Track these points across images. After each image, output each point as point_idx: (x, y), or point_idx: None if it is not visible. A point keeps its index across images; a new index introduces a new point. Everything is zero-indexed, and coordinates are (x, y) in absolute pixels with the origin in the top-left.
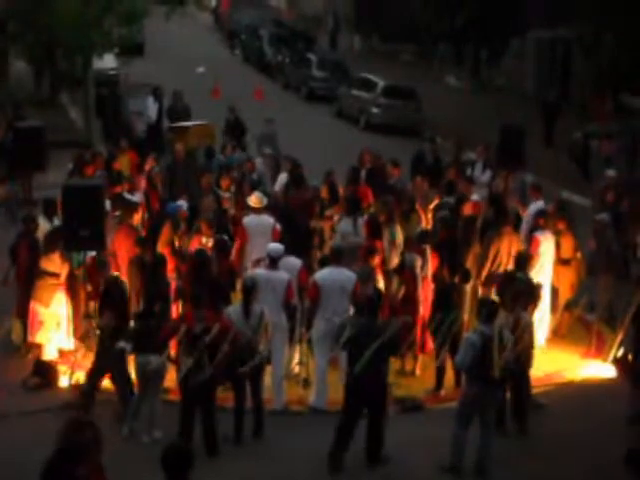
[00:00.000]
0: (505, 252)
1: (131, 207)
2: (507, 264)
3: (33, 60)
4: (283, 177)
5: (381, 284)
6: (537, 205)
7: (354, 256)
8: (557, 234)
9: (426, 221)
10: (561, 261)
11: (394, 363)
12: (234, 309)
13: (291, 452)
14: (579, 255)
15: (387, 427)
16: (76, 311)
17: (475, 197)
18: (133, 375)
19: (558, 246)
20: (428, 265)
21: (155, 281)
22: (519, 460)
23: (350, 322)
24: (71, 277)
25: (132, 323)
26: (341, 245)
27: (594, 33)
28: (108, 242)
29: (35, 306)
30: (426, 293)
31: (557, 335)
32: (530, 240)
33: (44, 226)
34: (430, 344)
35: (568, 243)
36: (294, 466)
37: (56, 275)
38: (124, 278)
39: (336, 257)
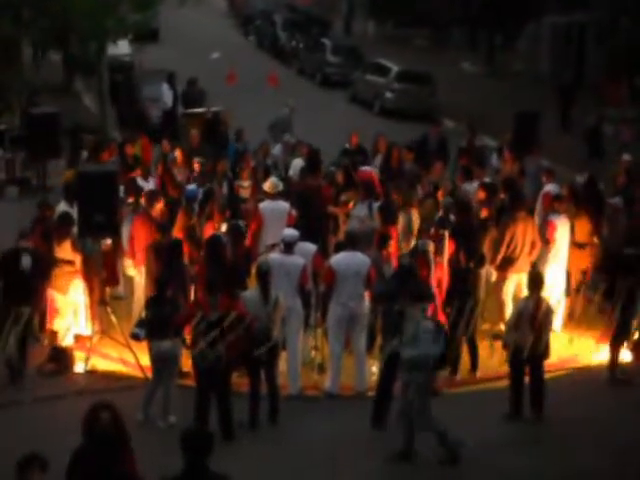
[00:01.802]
0: (520, 236)
1: (153, 198)
2: (522, 248)
3: (45, 47)
4: (298, 162)
5: None
6: (548, 188)
7: (369, 241)
8: (572, 218)
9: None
10: (576, 245)
11: None
12: (251, 294)
13: (306, 437)
14: (595, 240)
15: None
16: (91, 297)
17: (487, 180)
18: (148, 361)
19: (572, 229)
20: (445, 250)
21: (171, 266)
22: (534, 445)
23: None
24: (85, 263)
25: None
26: (355, 230)
27: (610, 17)
28: (123, 228)
29: (53, 294)
30: (443, 278)
31: (572, 319)
32: (546, 224)
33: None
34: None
35: (583, 227)
36: (309, 451)
37: (71, 262)
38: (141, 264)
39: (351, 242)
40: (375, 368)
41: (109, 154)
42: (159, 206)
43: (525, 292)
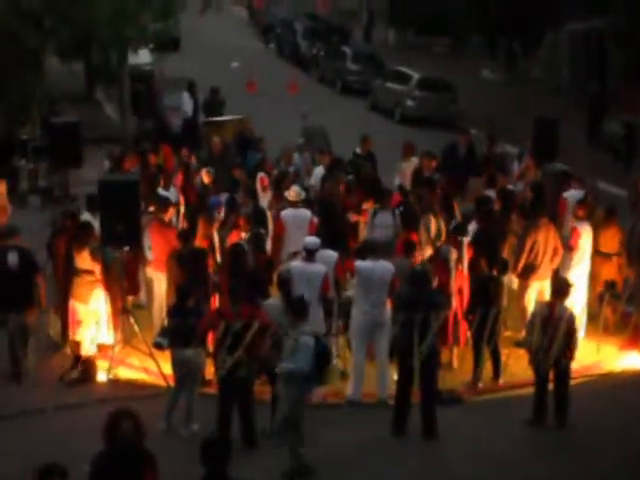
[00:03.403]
0: (542, 243)
1: (163, 203)
2: (544, 255)
3: (66, 56)
4: (320, 171)
5: None
6: (569, 194)
7: (389, 250)
8: (599, 226)
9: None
10: (601, 254)
11: None
12: (274, 302)
13: (328, 444)
14: (622, 250)
15: None
16: (113, 306)
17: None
18: (170, 370)
19: (596, 238)
20: (465, 257)
21: (194, 275)
22: (556, 452)
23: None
24: (106, 272)
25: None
26: (373, 238)
27: (628, 23)
28: (144, 238)
29: (74, 304)
30: (462, 285)
31: (605, 328)
32: (570, 231)
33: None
34: (464, 337)
35: (611, 237)
36: (331, 458)
37: (91, 272)
38: (162, 272)
39: (369, 250)
40: (396, 376)
41: (130, 164)
42: (171, 211)
43: (547, 299)
